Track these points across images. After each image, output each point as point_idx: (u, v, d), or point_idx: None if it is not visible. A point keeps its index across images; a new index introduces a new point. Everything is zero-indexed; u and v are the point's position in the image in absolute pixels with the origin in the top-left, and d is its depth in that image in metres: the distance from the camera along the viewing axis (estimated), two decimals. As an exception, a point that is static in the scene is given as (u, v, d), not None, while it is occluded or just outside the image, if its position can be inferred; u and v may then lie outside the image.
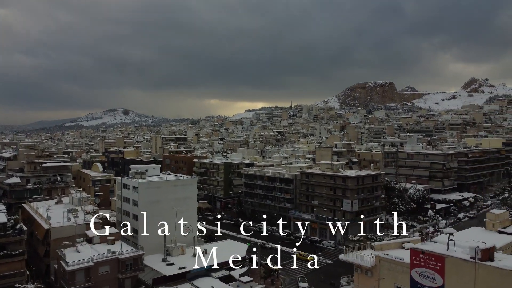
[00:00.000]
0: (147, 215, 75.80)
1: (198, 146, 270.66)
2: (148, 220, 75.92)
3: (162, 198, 78.18)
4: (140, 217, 75.64)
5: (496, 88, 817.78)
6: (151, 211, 76.54)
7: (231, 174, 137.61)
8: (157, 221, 76.66)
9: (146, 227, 75.05)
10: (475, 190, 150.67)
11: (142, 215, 75.28)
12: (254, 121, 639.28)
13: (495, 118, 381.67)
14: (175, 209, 77.45)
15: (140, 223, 75.71)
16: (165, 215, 77.79)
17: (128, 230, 76.92)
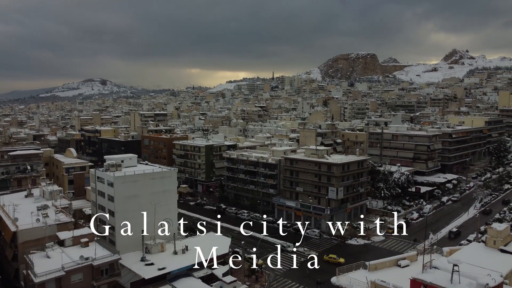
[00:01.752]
0: (123, 210, 71.49)
1: (179, 122, 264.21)
2: (125, 215, 71.66)
3: (140, 192, 73.64)
4: (116, 213, 71.28)
5: (476, 60, 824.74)
6: (128, 207, 72.14)
7: (213, 156, 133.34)
8: (135, 217, 72.47)
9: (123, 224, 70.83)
10: (457, 170, 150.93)
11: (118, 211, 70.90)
12: (235, 93, 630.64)
13: (475, 92, 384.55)
14: (154, 204, 73.25)
15: (116, 220, 71.42)
16: (143, 210, 73.57)
17: (106, 231, 72.63)
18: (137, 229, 70.97)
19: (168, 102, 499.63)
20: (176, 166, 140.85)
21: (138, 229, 70.90)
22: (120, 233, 70.96)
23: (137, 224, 72.04)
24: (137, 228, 71.18)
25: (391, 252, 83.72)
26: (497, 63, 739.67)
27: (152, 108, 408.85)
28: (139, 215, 72.98)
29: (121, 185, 71.75)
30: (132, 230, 71.32)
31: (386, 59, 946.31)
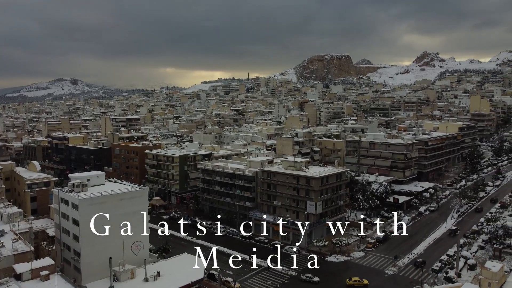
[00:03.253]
0: (89, 235, 66.27)
1: (152, 127, 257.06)
2: (91, 240, 66.47)
3: (107, 215, 68.56)
4: (81, 238, 65.96)
5: (446, 62, 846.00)
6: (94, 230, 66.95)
7: (187, 167, 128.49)
8: (102, 241, 67.37)
9: (89, 251, 65.67)
10: (433, 177, 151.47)
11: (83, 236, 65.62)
12: (211, 94, 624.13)
13: (446, 95, 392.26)
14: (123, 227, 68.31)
15: (82, 245, 66.11)
16: (111, 233, 68.48)
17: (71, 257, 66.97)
18: (105, 255, 65.83)
19: (141, 104, 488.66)
20: (149, 176, 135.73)
21: (105, 255, 65.74)
22: (86, 260, 65.79)
23: (105, 249, 66.93)
24: (105, 253, 66.02)
25: (371, 269, 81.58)
26: (466, 65, 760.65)
27: (125, 111, 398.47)
28: (107, 239, 67.89)
29: (86, 208, 66.43)
30: (99, 256, 66.20)
31: (360, 61, 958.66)
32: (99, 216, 67.27)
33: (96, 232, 66.70)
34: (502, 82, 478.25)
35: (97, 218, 67.08)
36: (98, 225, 67.25)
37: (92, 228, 66.33)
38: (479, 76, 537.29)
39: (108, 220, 68.14)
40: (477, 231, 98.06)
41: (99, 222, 67.30)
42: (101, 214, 67.40)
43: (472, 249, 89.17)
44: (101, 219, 67.57)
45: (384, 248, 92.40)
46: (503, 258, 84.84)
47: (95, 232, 66.53)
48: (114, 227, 68.55)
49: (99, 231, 67.13)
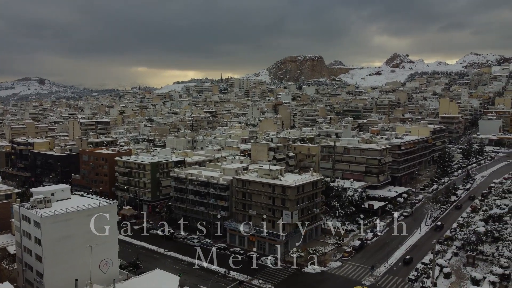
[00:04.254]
0: (53, 254, 62.18)
1: (123, 130, 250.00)
2: (55, 260, 62.39)
3: (73, 233, 64.43)
4: (44, 259, 61.74)
5: (416, 64, 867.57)
6: (59, 250, 62.85)
7: (159, 174, 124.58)
8: (68, 261, 63.37)
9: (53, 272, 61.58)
10: (406, 181, 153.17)
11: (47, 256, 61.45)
12: (183, 95, 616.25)
13: (416, 97, 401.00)
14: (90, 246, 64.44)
15: (45, 266, 61.91)
16: (77, 252, 64.50)
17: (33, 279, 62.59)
18: (71, 275, 61.88)
19: (112, 105, 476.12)
20: (119, 184, 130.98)
21: (71, 275, 61.80)
22: (49, 282, 61.70)
23: (70, 269, 63.02)
24: (71, 274, 62.09)
25: (349, 280, 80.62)
26: (434, 67, 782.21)
27: (94, 112, 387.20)
28: (72, 259, 63.94)
29: (50, 226, 62.26)
30: (65, 276, 62.27)
31: (332, 62, 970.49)
32: (64, 235, 63.29)
33: (61, 251, 62.72)
34: (469, 84, 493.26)
35: (62, 237, 63.09)
36: (62, 244, 63.26)
37: (56, 247, 62.29)
38: (446, 78, 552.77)
39: (73, 238, 64.25)
40: (451, 237, 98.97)
41: (64, 241, 63.31)
42: (66, 232, 63.45)
43: (446, 256, 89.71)
44: (66, 237, 63.60)
45: (361, 257, 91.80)
46: (476, 265, 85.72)
47: (60, 252, 62.55)
48: (81, 245, 64.64)
49: (64, 251, 63.16)
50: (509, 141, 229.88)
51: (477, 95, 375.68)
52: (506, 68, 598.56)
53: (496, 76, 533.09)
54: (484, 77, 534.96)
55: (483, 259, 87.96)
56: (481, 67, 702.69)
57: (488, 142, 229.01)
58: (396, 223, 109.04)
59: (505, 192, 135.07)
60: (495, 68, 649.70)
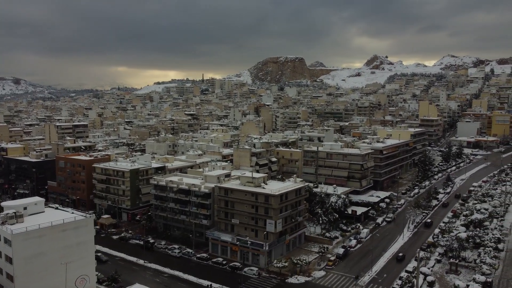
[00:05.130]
0: (26, 273, 59.05)
1: (101, 133, 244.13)
2: (28, 279, 59.25)
3: (47, 249, 61.59)
4: (16, 278, 58.53)
5: (395, 65, 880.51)
6: (31, 268, 59.89)
7: (139, 181, 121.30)
8: (41, 279, 60.38)
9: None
10: (387, 185, 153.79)
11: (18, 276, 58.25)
12: (164, 96, 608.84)
13: (396, 99, 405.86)
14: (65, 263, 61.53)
15: (17, 287, 58.68)
16: (51, 270, 61.55)
17: None
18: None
19: (90, 106, 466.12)
20: (97, 192, 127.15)
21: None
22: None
23: None
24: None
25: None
26: (413, 69, 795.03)
27: (72, 114, 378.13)
28: (46, 277, 61.02)
29: (21, 243, 59.18)
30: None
31: (314, 63, 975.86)
32: (37, 252, 60.21)
33: (33, 270, 59.64)
34: (446, 86, 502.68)
35: (35, 254, 60.00)
36: (35, 261, 60.16)
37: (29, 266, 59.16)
38: (425, 80, 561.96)
39: (47, 255, 61.21)
40: (433, 244, 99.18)
41: (36, 258, 60.22)
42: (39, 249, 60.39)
43: (429, 263, 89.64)
44: (39, 255, 60.53)
45: (345, 265, 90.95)
46: (459, 272, 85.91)
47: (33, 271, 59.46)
48: (55, 263, 61.71)
49: (37, 269, 60.10)
50: (486, 144, 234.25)
51: (455, 97, 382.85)
52: (482, 71, 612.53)
53: (473, 78, 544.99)
54: (461, 79, 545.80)
55: (466, 265, 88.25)
56: (458, 69, 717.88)
57: (466, 144, 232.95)
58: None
59: (484, 196, 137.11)
60: (472, 70, 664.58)
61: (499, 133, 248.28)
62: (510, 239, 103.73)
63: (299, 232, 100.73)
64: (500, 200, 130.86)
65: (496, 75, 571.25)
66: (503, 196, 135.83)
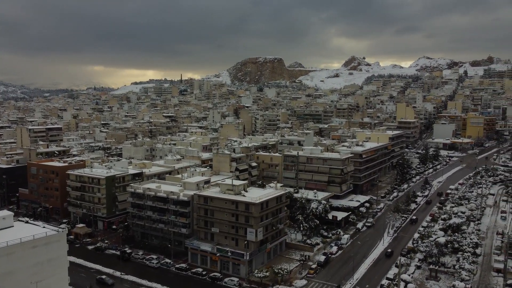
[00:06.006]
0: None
1: (76, 136, 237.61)
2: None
3: (16, 268, 58.09)
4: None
5: (372, 67, 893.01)
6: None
7: (115, 188, 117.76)
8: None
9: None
10: (367, 188, 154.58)
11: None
12: (141, 96, 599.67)
13: (374, 100, 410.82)
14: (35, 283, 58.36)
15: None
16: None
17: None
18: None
19: (65, 107, 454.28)
20: (71, 199, 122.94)
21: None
22: (-13, 325, 55.07)
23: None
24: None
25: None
26: (390, 70, 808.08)
27: (46, 116, 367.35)
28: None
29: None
30: (6, 318, 55.95)
31: (292, 63, 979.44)
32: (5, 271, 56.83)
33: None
34: (422, 87, 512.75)
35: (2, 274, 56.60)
36: (3, 281, 56.77)
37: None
38: (402, 82, 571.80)
39: (16, 274, 57.88)
40: (413, 249, 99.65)
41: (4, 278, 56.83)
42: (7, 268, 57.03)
43: (409, 270, 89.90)
44: (8, 274, 57.15)
45: (326, 273, 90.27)
46: (439, 278, 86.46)
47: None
48: (25, 282, 58.39)
49: None
50: (461, 145, 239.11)
51: (431, 98, 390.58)
52: (456, 72, 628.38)
53: (447, 80, 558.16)
54: (436, 80, 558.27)
55: (445, 271, 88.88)
56: (433, 70, 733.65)
57: (442, 146, 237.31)
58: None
59: (461, 199, 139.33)
60: (446, 71, 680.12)
61: (474, 135, 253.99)
62: (486, 242, 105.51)
63: (280, 239, 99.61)
64: (476, 203, 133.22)
65: (469, 77, 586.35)
66: (479, 199, 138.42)
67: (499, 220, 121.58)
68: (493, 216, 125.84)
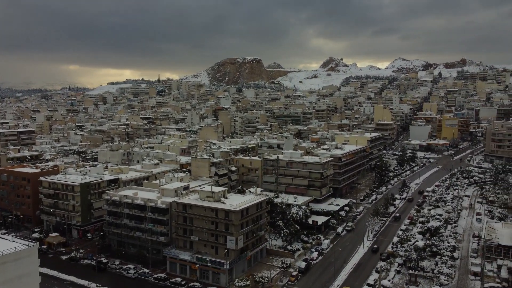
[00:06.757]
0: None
1: (50, 139, 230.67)
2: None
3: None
4: None
5: (350, 68, 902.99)
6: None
7: (91, 195, 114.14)
8: (-25, 321, 53.87)
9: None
10: (346, 191, 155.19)
11: None
12: (118, 97, 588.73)
13: (352, 102, 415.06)
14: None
15: None
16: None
17: None
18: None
19: (38, 108, 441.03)
20: (44, 207, 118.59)
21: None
22: None
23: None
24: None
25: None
26: (367, 71, 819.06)
27: (18, 118, 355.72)
28: (-18, 318, 54.48)
29: (-49, 282, 52.43)
30: None
31: (271, 64, 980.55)
32: (-29, 290, 53.74)
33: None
34: (398, 88, 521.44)
35: (-32, 293, 53.50)
36: (-31, 301, 53.67)
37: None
38: (378, 83, 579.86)
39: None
40: (392, 253, 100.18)
41: (-30, 298, 53.75)
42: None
43: (389, 275, 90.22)
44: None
45: (307, 280, 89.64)
46: (418, 283, 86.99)
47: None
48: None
49: (-29, 309, 53.61)
50: (437, 147, 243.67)
51: (407, 100, 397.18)
52: (430, 74, 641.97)
53: (423, 81, 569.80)
54: (412, 82, 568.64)
55: (424, 275, 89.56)
56: (409, 72, 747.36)
57: (419, 147, 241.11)
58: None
59: (437, 201, 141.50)
60: (421, 73, 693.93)
61: (449, 137, 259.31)
62: (463, 245, 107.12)
63: (260, 246, 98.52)
64: (453, 205, 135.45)
65: (443, 79, 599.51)
66: (455, 201, 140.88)
67: (474, 222, 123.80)
68: (469, 218, 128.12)
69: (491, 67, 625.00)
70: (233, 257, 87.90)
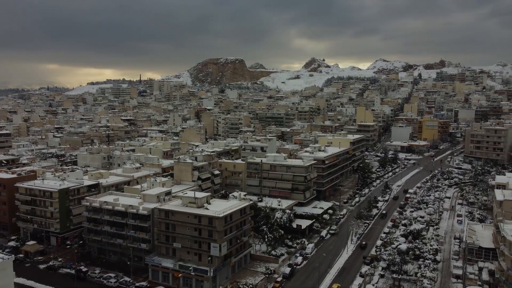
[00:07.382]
0: None
1: (28, 142, 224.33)
2: None
3: (-46, 302, 52.54)
4: None
5: (332, 68, 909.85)
6: None
7: (70, 202, 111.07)
8: None
9: None
10: (329, 194, 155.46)
11: None
12: (98, 98, 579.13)
13: (334, 103, 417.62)
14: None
15: None
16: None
17: None
18: None
19: (15, 109, 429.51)
20: (21, 214, 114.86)
21: None
22: None
23: None
24: None
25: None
26: (349, 72, 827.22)
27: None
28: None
29: None
30: None
31: (254, 64, 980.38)
32: None
33: None
34: (380, 89, 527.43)
35: None
36: None
37: None
38: (360, 84, 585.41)
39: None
40: (376, 257, 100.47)
41: None
42: None
43: (373, 279, 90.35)
44: None
45: (291, 286, 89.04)
46: (402, 287, 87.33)
47: None
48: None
49: None
50: (418, 148, 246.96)
51: (388, 101, 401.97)
52: (411, 75, 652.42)
53: (403, 82, 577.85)
54: (393, 83, 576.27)
55: (407, 279, 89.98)
56: (389, 73, 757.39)
57: (400, 149, 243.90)
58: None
59: (419, 203, 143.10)
60: (402, 74, 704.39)
61: (429, 138, 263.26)
62: (445, 248, 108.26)
63: (244, 252, 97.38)
64: (434, 207, 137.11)
65: (423, 80, 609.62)
66: (437, 202, 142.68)
67: (455, 224, 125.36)
68: (450, 220, 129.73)
69: (468, 69, 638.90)
70: (217, 264, 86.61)
